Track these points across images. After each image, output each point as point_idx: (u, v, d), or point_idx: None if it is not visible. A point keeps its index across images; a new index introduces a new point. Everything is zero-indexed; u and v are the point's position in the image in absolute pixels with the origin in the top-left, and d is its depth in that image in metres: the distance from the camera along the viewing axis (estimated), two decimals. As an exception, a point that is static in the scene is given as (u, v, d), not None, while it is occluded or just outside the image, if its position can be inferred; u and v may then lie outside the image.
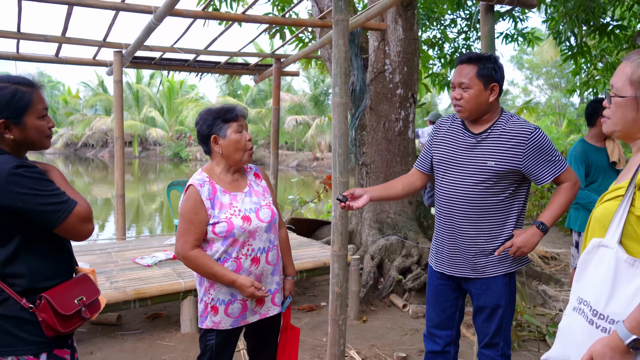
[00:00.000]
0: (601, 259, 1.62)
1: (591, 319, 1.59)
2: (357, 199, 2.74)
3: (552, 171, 2.61)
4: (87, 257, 5.03)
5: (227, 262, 2.61)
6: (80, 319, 2.01)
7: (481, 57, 2.64)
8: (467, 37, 10.77)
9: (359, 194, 2.75)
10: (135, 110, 40.12)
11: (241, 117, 2.74)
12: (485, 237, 2.69)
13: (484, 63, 2.61)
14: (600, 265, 1.62)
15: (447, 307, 2.92)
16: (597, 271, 1.63)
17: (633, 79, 1.65)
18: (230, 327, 2.66)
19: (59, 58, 6.04)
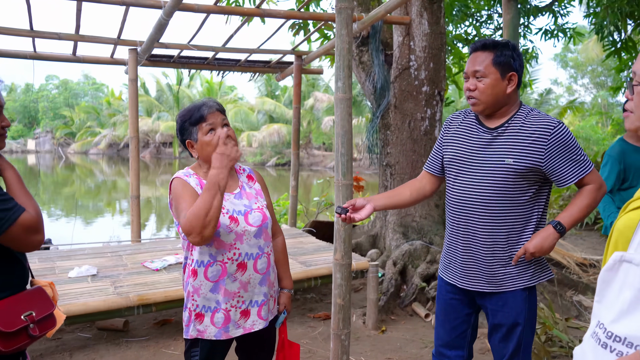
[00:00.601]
0: (624, 277, 1.33)
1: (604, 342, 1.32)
2: (359, 210, 2.47)
3: (577, 172, 2.30)
4: (97, 260, 4.90)
5: (211, 265, 2.38)
6: (28, 337, 1.81)
7: (497, 43, 2.34)
8: (504, 33, 10.34)
9: (361, 204, 2.47)
10: (176, 111, 40.59)
11: (211, 114, 2.43)
12: (502, 245, 2.39)
13: (501, 50, 2.32)
14: (623, 284, 1.33)
15: (457, 324, 2.62)
16: (620, 291, 1.33)
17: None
18: (214, 337, 2.43)
19: (76, 57, 5.95)
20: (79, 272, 4.43)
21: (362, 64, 6.43)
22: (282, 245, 2.70)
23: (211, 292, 2.40)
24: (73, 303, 3.82)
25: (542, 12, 9.64)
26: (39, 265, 4.73)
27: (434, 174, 2.67)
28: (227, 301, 2.42)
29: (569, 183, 2.32)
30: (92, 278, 4.37)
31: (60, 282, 4.24)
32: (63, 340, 4.31)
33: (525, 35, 10.14)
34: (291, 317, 4.90)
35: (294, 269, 4.67)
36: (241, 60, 6.59)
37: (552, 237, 2.32)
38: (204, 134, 2.42)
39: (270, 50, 6.22)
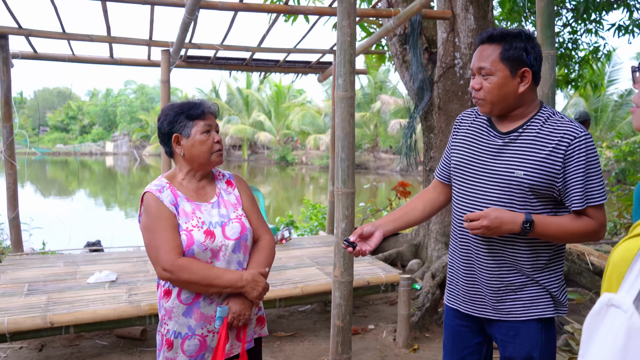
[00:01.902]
0: (610, 326, 1.00)
1: None
2: (367, 239, 2.16)
3: (584, 198, 1.89)
4: (121, 265, 4.80)
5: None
6: None
7: (507, 34, 1.95)
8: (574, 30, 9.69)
9: (369, 231, 2.15)
10: (245, 115, 41.21)
11: (210, 115, 2.29)
12: (509, 268, 2.02)
13: (511, 42, 1.94)
14: (608, 334, 1.00)
15: (466, 354, 2.26)
16: (602, 345, 1.01)
17: None
18: None
19: (113, 59, 5.92)
20: (98, 278, 4.34)
21: (405, 62, 6.09)
22: (266, 245, 2.37)
23: (184, 316, 2.17)
24: (83, 310, 3.70)
25: (615, 6, 8.92)
26: (63, 269, 4.68)
27: (445, 182, 2.33)
28: (202, 326, 2.19)
29: (572, 207, 1.92)
30: (110, 284, 4.26)
31: (77, 288, 4.15)
32: (80, 347, 4.22)
33: (597, 32, 9.43)
34: (316, 330, 4.63)
35: (319, 281, 4.41)
36: (280, 60, 6.38)
37: (512, 227, 1.91)
38: (201, 132, 2.22)
39: (307, 49, 5.97)
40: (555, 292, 2.03)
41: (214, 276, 2.09)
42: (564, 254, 2.11)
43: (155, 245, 2.14)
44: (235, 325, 2.19)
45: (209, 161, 2.27)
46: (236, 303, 2.17)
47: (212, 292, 2.14)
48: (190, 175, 2.31)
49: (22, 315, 3.57)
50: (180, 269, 2.07)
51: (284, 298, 4.20)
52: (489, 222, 1.89)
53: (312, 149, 37.42)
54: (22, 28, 5.09)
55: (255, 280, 2.16)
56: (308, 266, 4.84)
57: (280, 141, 40.64)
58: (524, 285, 2.02)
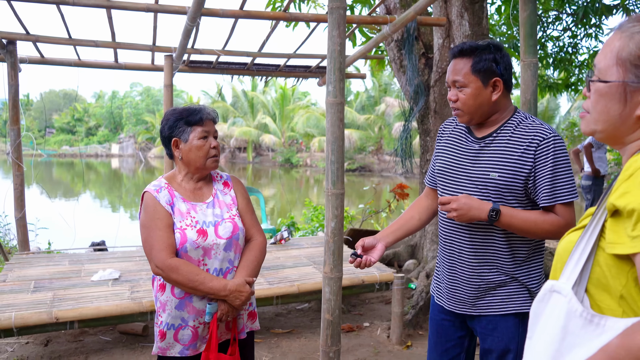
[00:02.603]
0: (552, 309, 1.13)
1: None
2: (371, 251, 2.31)
3: (554, 195, 2.00)
4: (124, 264, 4.96)
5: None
6: None
7: (476, 47, 2.10)
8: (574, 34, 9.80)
9: (371, 243, 2.31)
10: (250, 117, 41.39)
11: (208, 121, 2.43)
12: (489, 267, 2.16)
13: (480, 55, 2.08)
14: (550, 317, 1.13)
15: (449, 347, 2.40)
16: (545, 327, 1.14)
17: (623, 57, 1.13)
18: (179, 354, 2.35)
19: (118, 64, 6.10)
20: (101, 276, 4.49)
21: (402, 67, 6.22)
22: (257, 245, 2.51)
23: (176, 309, 2.33)
24: (87, 307, 3.86)
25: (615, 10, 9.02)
26: (68, 267, 4.84)
27: (435, 188, 2.47)
28: (195, 318, 2.34)
29: (540, 204, 2.04)
30: (113, 282, 4.41)
31: (81, 285, 4.31)
32: (84, 343, 4.37)
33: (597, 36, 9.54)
34: (312, 328, 4.77)
35: (315, 279, 4.55)
36: (280, 65, 6.54)
37: (480, 214, 2.03)
38: (198, 137, 2.37)
39: (307, 54, 6.13)
40: (533, 288, 2.14)
41: (199, 282, 2.23)
42: (543, 251, 2.22)
43: (150, 243, 2.29)
44: (224, 320, 2.35)
45: (204, 166, 2.41)
46: (224, 302, 2.33)
47: (198, 294, 2.29)
48: (188, 177, 2.46)
49: (29, 311, 3.72)
50: (170, 269, 2.23)
51: (281, 296, 4.34)
52: (457, 206, 2.04)
53: (317, 151, 37.56)
54: (30, 34, 5.26)
55: (238, 291, 2.29)
56: (305, 265, 4.98)
57: (285, 143, 40.80)
58: (504, 283, 2.14)
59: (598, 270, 1.07)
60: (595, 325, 1.02)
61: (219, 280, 2.29)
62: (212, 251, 2.33)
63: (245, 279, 2.36)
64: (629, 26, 1.15)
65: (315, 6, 7.95)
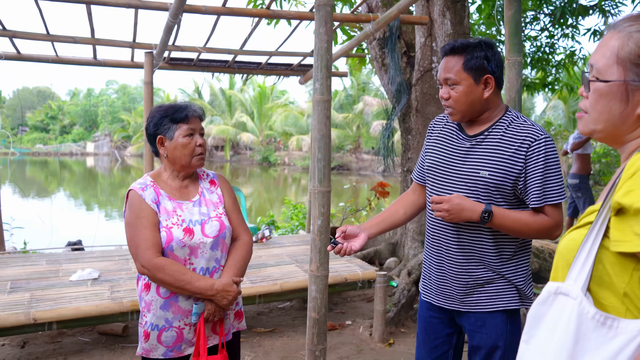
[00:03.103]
0: (559, 314, 1.11)
1: None
2: (352, 239, 2.28)
3: (543, 196, 2.02)
4: (103, 263, 4.88)
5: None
6: None
7: (467, 45, 2.10)
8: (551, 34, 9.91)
9: (353, 232, 2.28)
10: (228, 115, 41.16)
11: (194, 118, 2.38)
12: (476, 264, 2.16)
13: (472, 52, 2.08)
14: (557, 323, 1.10)
15: (438, 344, 2.40)
16: (552, 331, 1.11)
17: (622, 56, 1.12)
18: (162, 356, 2.31)
19: (97, 60, 5.99)
20: (80, 276, 4.41)
21: (384, 66, 6.23)
22: (243, 244, 2.48)
23: (161, 309, 2.29)
24: (66, 307, 3.78)
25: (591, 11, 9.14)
26: (46, 267, 4.75)
27: (423, 184, 2.46)
28: (180, 319, 2.30)
29: (530, 205, 2.05)
30: (93, 282, 4.34)
31: (60, 285, 4.23)
32: (62, 344, 4.29)
33: (574, 37, 9.66)
34: (295, 326, 4.75)
35: (298, 277, 4.53)
36: (262, 63, 6.49)
37: (472, 215, 2.03)
38: (183, 135, 2.33)
39: (289, 52, 6.09)
40: (521, 285, 2.15)
41: (186, 281, 2.20)
42: (530, 248, 2.23)
43: (135, 242, 2.25)
44: (211, 320, 2.31)
45: (190, 164, 2.37)
46: (211, 302, 2.29)
47: (184, 294, 2.25)
48: (174, 175, 2.41)
49: (6, 312, 3.64)
50: (156, 268, 2.18)
51: (263, 294, 4.31)
52: (449, 207, 2.03)
53: (295, 149, 37.50)
54: (6, 29, 5.14)
55: (225, 290, 2.26)
56: (287, 264, 4.96)
57: (263, 142, 40.67)
58: (491, 280, 2.15)
59: (600, 268, 1.07)
60: (608, 327, 1.01)
61: (205, 280, 2.26)
62: (198, 250, 2.30)
63: (233, 279, 2.33)
64: (626, 25, 1.14)
65: (297, 4, 7.93)
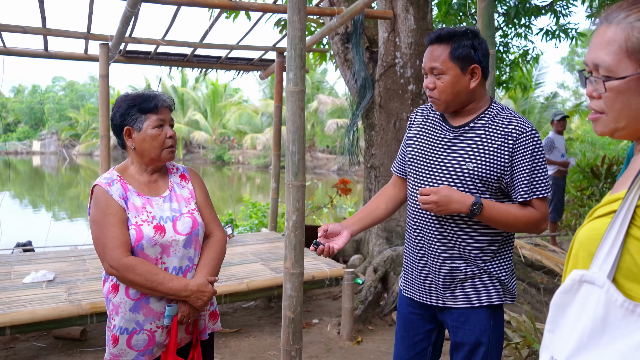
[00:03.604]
0: (584, 302, 1.05)
1: None
2: (335, 238, 2.20)
3: (530, 190, 1.99)
4: (58, 265, 4.65)
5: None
6: None
7: (454, 33, 2.03)
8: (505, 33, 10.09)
9: (336, 230, 2.20)
10: (180, 113, 40.45)
11: (164, 109, 2.25)
12: (459, 259, 2.10)
13: (459, 41, 2.01)
14: (582, 311, 1.05)
15: (417, 341, 2.34)
16: (578, 319, 1.06)
17: (631, 48, 1.05)
18: None
19: (47, 52, 5.72)
20: (34, 278, 4.19)
21: (347, 61, 6.18)
22: (217, 242, 2.36)
23: (131, 312, 2.14)
24: (20, 311, 3.57)
25: (543, 11, 9.33)
26: (-4, 269, 4.50)
27: (403, 176, 2.39)
28: (152, 321, 2.17)
29: (517, 199, 2.01)
30: (48, 284, 4.12)
31: (12, 288, 4.00)
32: (15, 350, 4.07)
33: (526, 36, 9.84)
34: (261, 326, 4.64)
35: (264, 276, 4.42)
36: (222, 57, 6.34)
37: (460, 207, 1.98)
38: (153, 126, 2.19)
39: (249, 46, 5.96)
40: (504, 280, 2.11)
41: (158, 282, 2.08)
42: (513, 243, 2.20)
43: (102, 241, 2.11)
44: (184, 322, 2.19)
45: (160, 157, 2.24)
46: (185, 303, 2.17)
47: (156, 295, 2.13)
48: (142, 169, 2.28)
49: (-46, 317, 3.41)
50: (126, 268, 2.05)
51: (229, 294, 4.19)
52: (437, 198, 1.97)
53: (249, 148, 37.20)
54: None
55: (200, 291, 2.15)
56: (252, 262, 4.84)
57: (217, 140, 40.19)
58: (475, 275, 2.10)
59: (628, 258, 1.02)
60: (638, 315, 0.96)
61: (179, 280, 2.13)
62: (170, 248, 2.17)
63: (208, 278, 2.21)
64: (622, 16, 1.09)
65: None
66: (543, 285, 4.96)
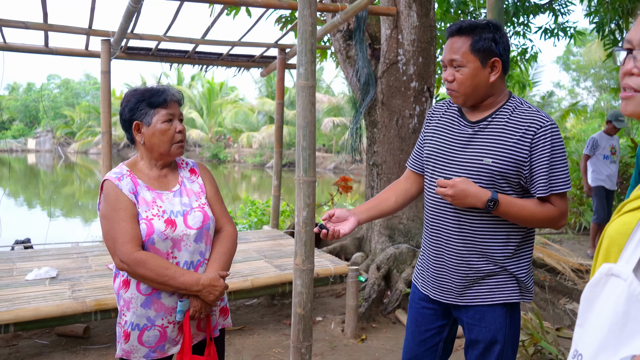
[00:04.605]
0: (610, 294, 1.03)
1: None
2: (341, 223, 2.18)
3: (550, 185, 1.96)
4: (61, 262, 4.61)
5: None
6: None
7: (476, 25, 2.00)
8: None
9: (343, 215, 2.18)
10: (176, 112, 40.28)
11: (173, 103, 2.22)
12: (478, 257, 2.07)
13: (480, 33, 1.99)
14: (608, 302, 1.03)
15: (428, 337, 2.32)
16: (602, 312, 1.04)
17: None
18: (144, 358, 2.15)
19: (48, 48, 5.68)
20: (37, 275, 4.15)
21: (349, 58, 6.16)
22: (228, 236, 2.34)
23: (142, 307, 2.12)
24: (24, 308, 3.54)
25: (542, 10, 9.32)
26: (-2, 266, 4.46)
27: (418, 172, 2.37)
28: (163, 316, 2.15)
29: (536, 194, 1.99)
30: (51, 281, 4.09)
31: (15, 285, 3.96)
32: (18, 347, 4.03)
33: (525, 34, 9.83)
34: (264, 324, 4.62)
35: (268, 273, 4.40)
36: (223, 54, 6.31)
37: (476, 202, 1.96)
38: (162, 121, 2.17)
39: (251, 43, 5.94)
40: (522, 278, 2.09)
41: (169, 277, 2.05)
42: (533, 240, 2.17)
43: (112, 236, 2.09)
44: (197, 317, 2.17)
45: (169, 152, 2.22)
46: (196, 298, 2.15)
47: (168, 290, 2.11)
48: (151, 164, 2.26)
49: (-42, 314, 3.37)
50: (137, 263, 2.03)
51: (233, 291, 4.16)
52: (453, 192, 1.96)
53: (245, 146, 37.14)
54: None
55: (212, 285, 2.12)
56: (256, 259, 4.82)
57: (213, 139, 40.09)
58: (492, 273, 2.08)
59: None
60: None
61: (191, 275, 2.11)
62: (181, 243, 2.15)
63: (219, 273, 2.19)
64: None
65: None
66: (547, 283, 4.95)
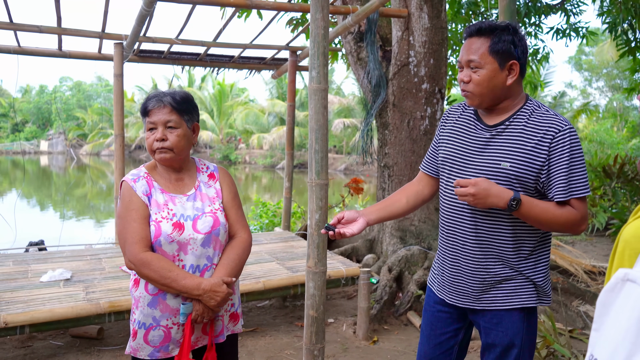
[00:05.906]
0: (626, 299, 1.03)
1: None
2: (350, 224, 2.16)
3: (569, 190, 1.93)
4: (75, 263, 4.66)
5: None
6: None
7: (495, 27, 1.99)
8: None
9: (352, 217, 2.16)
10: (187, 114, 40.42)
11: (159, 109, 2.18)
12: (495, 261, 2.06)
13: (499, 35, 1.97)
14: (624, 308, 1.03)
15: (443, 340, 2.31)
16: (618, 317, 1.04)
17: None
18: (149, 357, 2.17)
19: (62, 52, 5.73)
20: (51, 276, 4.19)
21: (360, 60, 6.16)
22: (240, 242, 2.32)
23: (149, 307, 2.15)
24: (39, 309, 3.57)
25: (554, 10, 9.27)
26: (13, 268, 4.50)
27: (431, 175, 2.35)
28: (168, 317, 2.16)
29: (555, 199, 1.96)
30: (65, 283, 4.12)
31: (30, 287, 4.00)
32: (33, 349, 4.07)
33: (537, 35, 9.78)
34: (276, 325, 4.64)
35: (280, 275, 4.42)
36: (234, 56, 6.34)
37: (498, 201, 1.93)
38: (147, 129, 2.21)
39: (262, 45, 5.96)
40: (540, 282, 2.07)
41: (171, 279, 2.07)
42: (550, 243, 2.14)
43: (124, 236, 2.13)
44: (199, 322, 2.18)
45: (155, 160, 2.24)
46: (199, 302, 2.15)
47: (171, 292, 2.13)
48: (164, 167, 2.28)
49: (-26, 316, 3.41)
50: (142, 263, 2.07)
51: (246, 293, 4.18)
52: (475, 191, 1.92)
53: (256, 148, 37.21)
54: (-34, 17, 4.86)
55: (213, 291, 2.12)
56: (268, 261, 4.83)
57: (223, 140, 40.22)
58: (509, 277, 2.06)
59: None
60: None
61: (192, 278, 2.12)
62: (188, 246, 2.16)
63: (223, 279, 2.17)
64: None
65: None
66: (560, 285, 4.93)
